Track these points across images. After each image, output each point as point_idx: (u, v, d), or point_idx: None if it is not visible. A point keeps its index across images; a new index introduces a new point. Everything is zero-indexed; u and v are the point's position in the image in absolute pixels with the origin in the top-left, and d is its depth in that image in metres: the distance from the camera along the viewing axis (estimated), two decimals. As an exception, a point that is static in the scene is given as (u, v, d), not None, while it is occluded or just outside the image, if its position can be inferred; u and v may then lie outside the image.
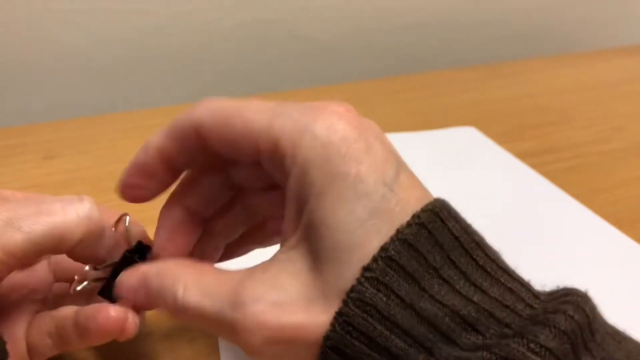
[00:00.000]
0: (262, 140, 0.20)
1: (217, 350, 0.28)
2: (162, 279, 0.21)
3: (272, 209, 0.24)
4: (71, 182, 0.44)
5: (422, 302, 0.17)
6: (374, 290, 0.17)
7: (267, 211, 0.25)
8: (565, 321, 0.16)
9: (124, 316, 0.22)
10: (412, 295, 0.17)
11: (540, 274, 0.21)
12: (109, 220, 0.25)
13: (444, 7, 0.75)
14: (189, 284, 0.20)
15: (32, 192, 0.26)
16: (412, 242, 0.18)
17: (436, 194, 0.21)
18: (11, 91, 0.58)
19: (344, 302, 0.17)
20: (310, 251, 0.19)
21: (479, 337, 0.17)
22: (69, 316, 0.23)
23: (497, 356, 0.16)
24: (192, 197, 0.24)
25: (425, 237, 0.18)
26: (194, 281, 0.20)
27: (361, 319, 0.17)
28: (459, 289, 0.18)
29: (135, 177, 0.23)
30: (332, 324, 0.18)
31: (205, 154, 0.22)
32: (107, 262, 0.24)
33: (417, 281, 0.18)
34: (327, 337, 0.18)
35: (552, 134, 0.54)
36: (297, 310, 0.18)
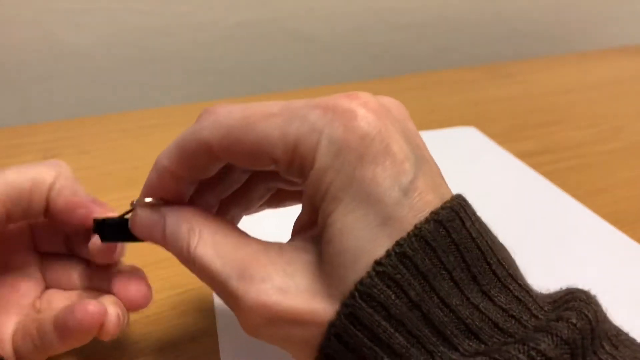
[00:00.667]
0: (278, 150, 0.19)
1: (217, 350, 0.28)
2: (179, 223, 0.21)
3: (288, 186, 0.24)
4: (71, 182, 0.44)
5: (429, 304, 0.17)
6: (383, 286, 0.17)
7: (282, 186, 0.25)
8: (567, 329, 0.16)
9: (103, 310, 0.22)
10: (421, 295, 0.17)
11: (540, 274, 0.21)
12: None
13: (444, 7, 0.75)
14: (204, 237, 0.20)
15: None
16: (429, 240, 0.17)
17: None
18: (11, 91, 0.58)
19: (351, 293, 0.17)
20: (321, 250, 0.19)
21: (481, 345, 0.17)
22: (48, 317, 0.23)
23: None
24: (210, 186, 0.24)
25: (442, 235, 0.18)
26: (209, 235, 0.20)
27: (366, 313, 0.17)
28: (468, 294, 0.18)
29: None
30: (338, 313, 0.18)
31: (216, 166, 0.22)
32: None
33: (429, 281, 0.17)
34: (331, 324, 0.18)
35: (552, 134, 0.54)
36: (301, 300, 0.18)
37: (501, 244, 0.20)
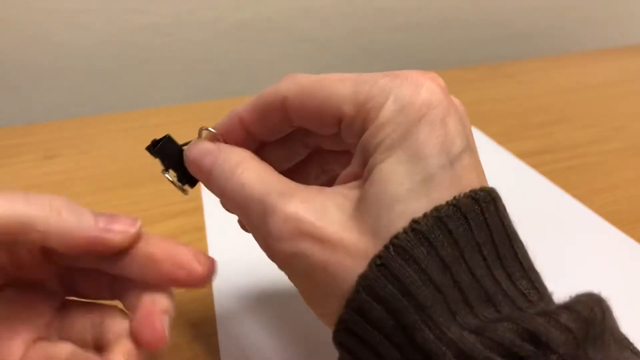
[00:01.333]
0: (347, 106, 0.21)
1: (217, 350, 0.28)
2: (231, 155, 0.22)
3: (333, 146, 0.25)
4: (71, 182, 0.44)
5: (458, 268, 0.18)
6: (417, 242, 0.18)
7: (328, 147, 0.26)
8: (585, 309, 0.17)
9: None
10: (452, 258, 0.18)
11: (539, 273, 0.21)
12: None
13: (444, 7, 0.75)
14: (251, 167, 0.22)
15: (32, 192, 0.25)
16: (465, 212, 0.18)
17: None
18: (11, 91, 0.58)
19: (386, 246, 0.18)
20: (361, 196, 0.20)
21: (498, 316, 0.18)
22: (62, 358, 0.21)
23: (521, 327, 0.16)
24: (270, 154, 0.25)
25: (477, 212, 0.19)
26: (256, 167, 0.22)
27: (398, 265, 0.18)
28: (493, 271, 0.19)
29: (215, 138, 0.25)
30: (370, 265, 0.18)
31: (285, 127, 0.23)
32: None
33: (461, 249, 0.18)
34: (362, 276, 0.18)
35: (552, 134, 0.54)
36: (334, 227, 0.19)
37: (523, 244, 0.21)
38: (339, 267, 0.19)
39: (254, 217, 0.21)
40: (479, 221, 0.19)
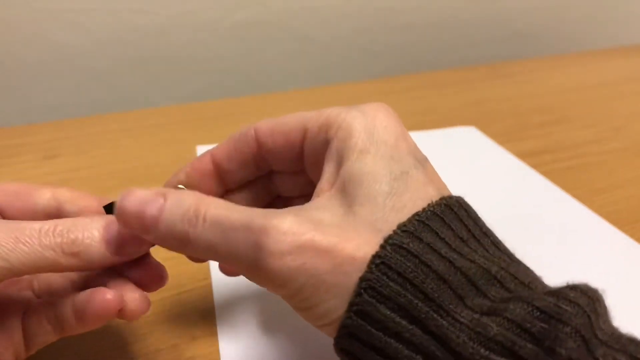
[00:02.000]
0: (312, 122, 0.23)
1: (217, 350, 0.28)
2: (183, 198, 0.20)
3: (293, 190, 0.27)
4: (71, 182, 0.44)
5: (457, 257, 0.19)
6: (413, 236, 0.19)
7: (287, 192, 0.27)
8: (589, 289, 0.18)
9: (120, 298, 0.22)
10: (448, 249, 0.19)
11: (539, 273, 0.21)
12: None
13: (444, 7, 0.75)
14: (212, 204, 0.20)
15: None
16: (453, 208, 0.20)
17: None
18: (11, 91, 0.58)
19: (381, 246, 0.18)
20: (345, 200, 0.20)
21: (507, 293, 0.18)
22: (67, 302, 0.23)
23: (532, 305, 0.17)
24: (228, 169, 0.26)
25: (461, 207, 0.21)
26: (217, 202, 0.20)
27: (398, 261, 0.18)
28: (491, 253, 0.20)
29: (184, 174, 0.26)
30: (369, 266, 0.18)
31: (254, 160, 0.25)
32: None
33: (457, 237, 0.20)
34: (363, 278, 0.18)
35: (552, 134, 0.54)
36: (330, 232, 0.19)
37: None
38: (341, 274, 0.18)
39: (241, 249, 0.19)
40: (465, 215, 0.21)
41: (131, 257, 0.22)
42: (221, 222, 0.19)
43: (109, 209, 0.24)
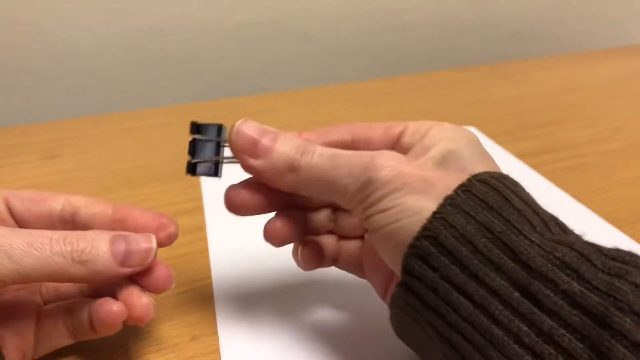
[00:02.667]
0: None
1: (217, 350, 0.28)
2: (289, 136, 0.24)
3: (352, 230, 0.28)
4: (71, 182, 0.44)
5: (518, 202, 0.21)
6: (483, 185, 0.21)
7: (346, 231, 0.28)
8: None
9: (124, 310, 0.23)
10: (512, 195, 0.21)
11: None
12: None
13: (444, 7, 0.75)
14: (321, 151, 0.23)
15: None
16: (509, 178, 0.23)
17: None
18: (11, 91, 0.58)
19: (469, 180, 0.21)
20: (436, 162, 0.23)
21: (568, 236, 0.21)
22: (84, 307, 0.24)
23: (600, 251, 0.20)
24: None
25: (515, 182, 0.23)
26: (319, 146, 0.24)
27: (482, 190, 0.21)
28: (540, 208, 0.23)
29: (246, 187, 0.26)
30: (455, 190, 0.21)
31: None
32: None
33: (515, 192, 0.22)
34: (448, 197, 0.21)
35: (552, 134, 0.54)
36: (427, 169, 0.22)
37: None
38: (431, 189, 0.21)
39: (353, 168, 0.22)
40: (520, 185, 0.23)
41: (135, 270, 0.24)
42: (331, 152, 0.23)
43: (195, 128, 0.26)
